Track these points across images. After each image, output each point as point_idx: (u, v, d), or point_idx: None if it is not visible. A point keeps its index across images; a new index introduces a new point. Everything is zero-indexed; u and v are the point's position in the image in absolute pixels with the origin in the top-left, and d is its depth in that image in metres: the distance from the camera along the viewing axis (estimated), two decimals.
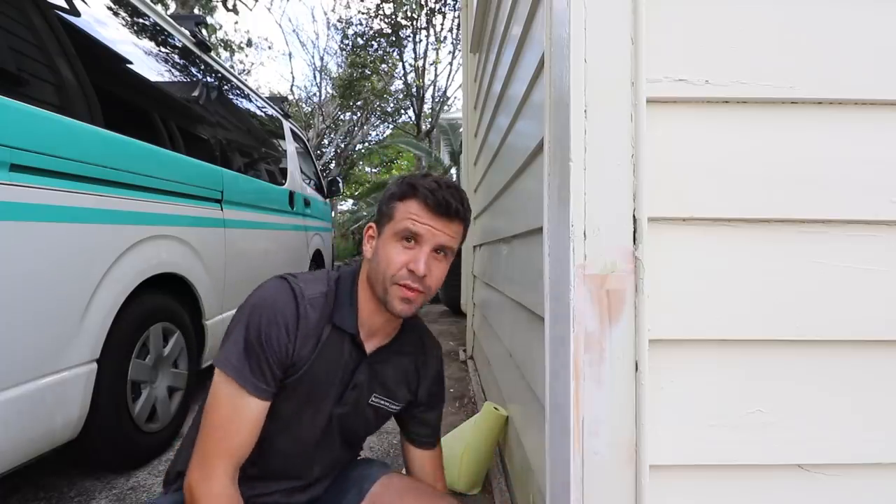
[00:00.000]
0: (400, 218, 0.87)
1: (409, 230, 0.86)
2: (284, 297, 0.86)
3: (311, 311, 0.87)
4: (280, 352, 0.84)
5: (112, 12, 1.94)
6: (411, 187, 0.87)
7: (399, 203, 0.88)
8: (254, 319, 0.84)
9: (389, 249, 0.87)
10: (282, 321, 0.84)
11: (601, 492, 0.71)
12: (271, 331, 0.84)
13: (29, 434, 1.32)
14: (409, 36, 12.92)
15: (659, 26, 0.72)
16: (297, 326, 0.85)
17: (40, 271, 1.32)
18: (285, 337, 0.85)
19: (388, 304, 0.87)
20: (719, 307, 0.73)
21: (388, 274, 0.86)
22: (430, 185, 0.86)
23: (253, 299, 0.86)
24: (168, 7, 8.92)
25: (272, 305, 0.85)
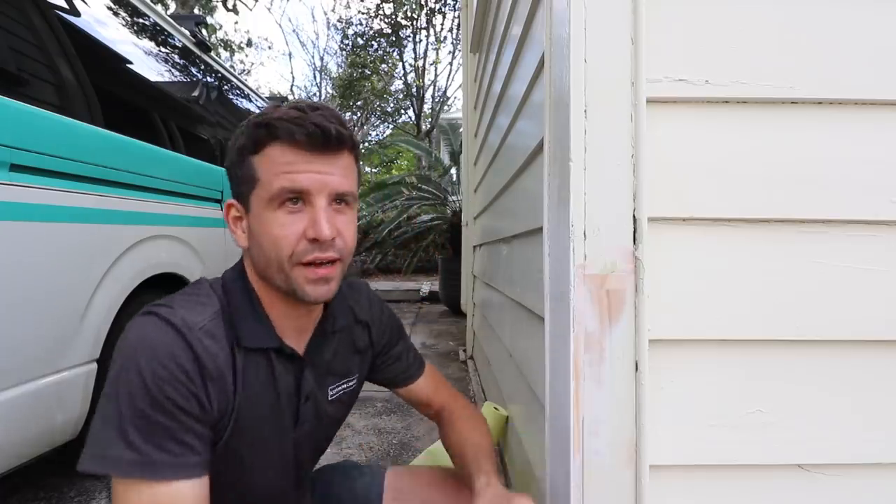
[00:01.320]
0: (268, 177, 0.64)
1: (287, 189, 0.63)
2: (164, 337, 0.61)
3: (210, 341, 0.64)
4: (192, 409, 0.61)
5: (112, 12, 1.94)
6: (265, 128, 0.64)
7: (255, 157, 0.65)
8: (134, 384, 0.58)
9: (270, 224, 0.64)
10: (175, 370, 0.60)
11: (601, 492, 0.71)
12: (167, 388, 0.59)
13: (29, 434, 1.32)
14: (409, 36, 12.92)
15: (659, 26, 0.72)
16: (199, 369, 0.62)
17: (40, 271, 1.32)
18: (190, 387, 0.61)
19: (298, 292, 0.66)
20: (719, 307, 0.73)
21: (281, 256, 0.64)
22: (290, 115, 0.64)
23: (122, 358, 0.60)
24: (168, 7, 8.92)
25: (153, 355, 0.60)
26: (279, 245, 0.64)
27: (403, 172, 11.67)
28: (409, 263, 6.53)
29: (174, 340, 0.61)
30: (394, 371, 0.94)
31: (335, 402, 0.83)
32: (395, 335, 0.95)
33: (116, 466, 0.57)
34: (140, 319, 0.63)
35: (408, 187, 6.03)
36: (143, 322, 0.63)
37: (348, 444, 1.97)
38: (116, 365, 0.60)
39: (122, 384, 0.59)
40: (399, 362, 0.94)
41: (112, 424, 0.58)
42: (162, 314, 0.63)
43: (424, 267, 7.45)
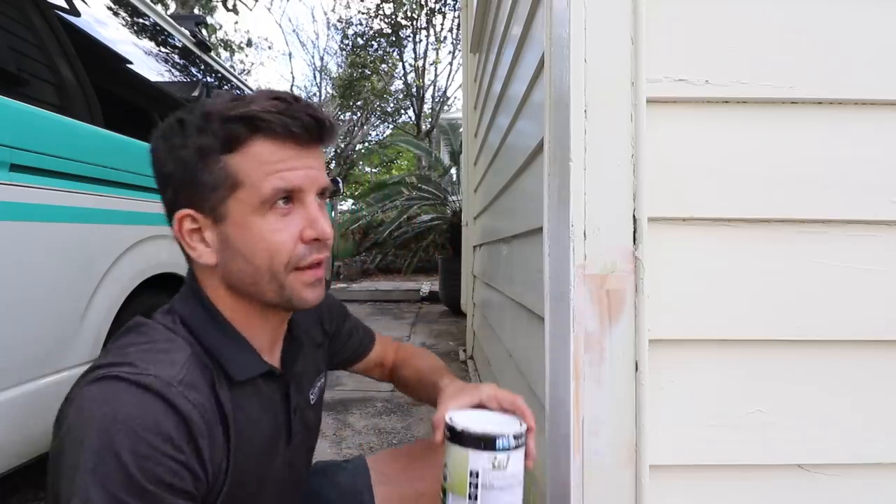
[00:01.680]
0: (255, 178, 0.56)
1: (281, 189, 0.57)
2: (140, 404, 0.50)
3: (194, 394, 0.54)
4: (183, 484, 0.51)
5: (112, 12, 1.94)
6: (247, 122, 0.56)
7: (233, 157, 0.56)
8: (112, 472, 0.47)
9: (259, 232, 0.57)
10: (160, 443, 0.49)
11: (601, 492, 0.71)
12: (153, 467, 0.48)
13: (29, 434, 1.32)
14: (409, 36, 12.93)
15: (659, 26, 0.72)
16: (188, 431, 0.52)
17: (40, 271, 1.32)
18: (179, 458, 0.51)
19: (293, 300, 0.60)
20: (719, 307, 0.73)
21: (277, 265, 0.58)
22: (276, 108, 0.56)
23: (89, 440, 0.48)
24: (168, 7, 8.92)
25: (130, 430, 0.48)
26: (276, 252, 0.58)
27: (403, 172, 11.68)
28: (409, 263, 6.53)
29: (152, 405, 0.50)
30: (350, 349, 0.92)
31: (315, 406, 0.79)
32: (341, 317, 0.91)
33: None
34: (100, 387, 0.51)
35: (408, 187, 6.04)
36: (106, 389, 0.50)
37: (348, 444, 1.97)
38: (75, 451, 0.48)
39: (89, 476, 0.47)
40: (352, 339, 0.91)
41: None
42: (128, 376, 0.50)
43: (424, 267, 7.45)
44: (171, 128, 0.60)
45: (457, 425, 0.53)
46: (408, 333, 4.14)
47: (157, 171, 0.62)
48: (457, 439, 0.53)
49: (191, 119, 0.58)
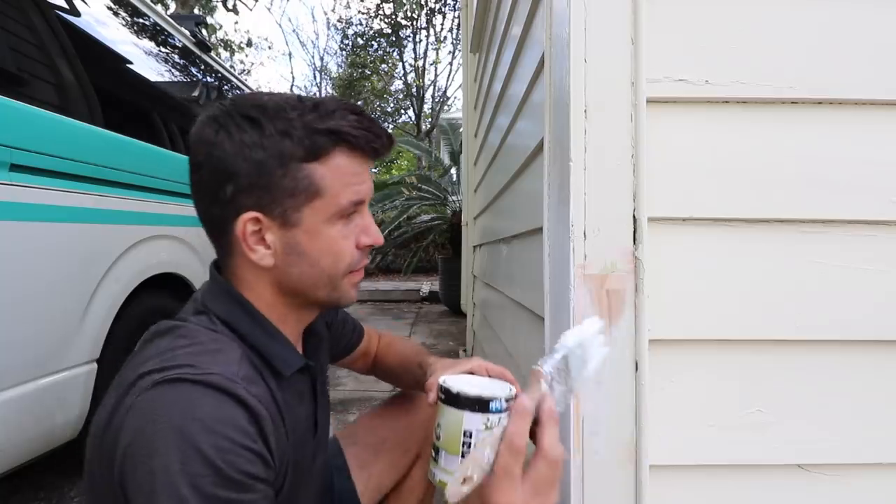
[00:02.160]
0: (334, 189, 0.58)
1: (354, 202, 0.60)
2: (212, 402, 0.51)
3: (256, 388, 0.56)
4: (261, 473, 0.52)
5: (112, 12, 1.94)
6: (335, 135, 0.57)
7: (316, 166, 0.58)
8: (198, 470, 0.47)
9: (329, 240, 0.60)
10: (238, 436, 0.50)
11: (601, 492, 0.71)
12: (235, 459, 0.49)
13: (29, 434, 1.32)
14: (409, 36, 12.93)
15: (659, 26, 0.72)
16: (258, 423, 0.53)
17: (40, 271, 1.32)
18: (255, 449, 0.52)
19: (340, 300, 0.65)
20: (719, 307, 0.73)
21: (338, 271, 0.62)
22: (356, 123, 0.59)
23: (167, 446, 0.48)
24: (168, 7, 8.92)
25: (210, 428, 0.49)
26: (341, 258, 0.61)
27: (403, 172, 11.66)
28: (409, 263, 6.53)
29: (223, 402, 0.51)
30: (343, 341, 0.94)
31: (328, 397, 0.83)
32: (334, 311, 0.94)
33: None
34: (163, 391, 0.50)
35: (408, 187, 6.04)
36: (172, 394, 0.50)
37: None
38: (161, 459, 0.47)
39: (178, 475, 0.46)
40: (345, 331, 0.93)
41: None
42: (193, 377, 0.51)
43: (424, 267, 7.45)
44: (238, 124, 0.57)
45: (452, 388, 0.55)
46: (408, 333, 4.13)
47: (215, 164, 0.58)
48: (452, 401, 0.55)
49: (266, 121, 0.57)
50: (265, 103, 0.59)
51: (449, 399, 0.55)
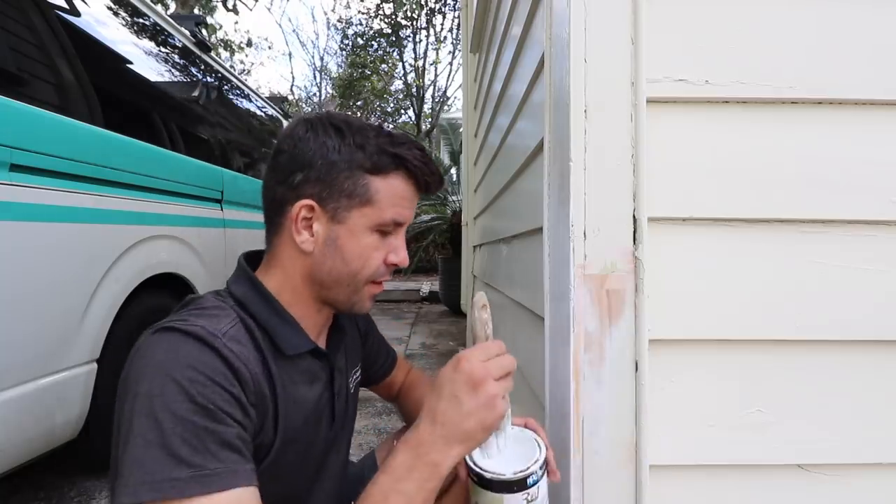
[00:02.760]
0: (384, 204, 0.66)
1: (396, 222, 0.68)
2: (190, 348, 0.56)
3: (237, 346, 0.60)
4: (236, 414, 0.56)
5: (112, 12, 1.94)
6: (395, 158, 0.66)
7: (376, 179, 0.66)
8: (173, 396, 0.53)
9: (365, 245, 0.67)
10: (212, 373, 0.56)
11: (601, 491, 0.71)
12: (208, 392, 0.54)
13: (29, 434, 1.32)
14: (409, 36, 12.92)
15: (659, 26, 0.72)
16: (234, 374, 0.57)
17: (40, 271, 1.32)
18: (231, 390, 0.56)
19: (356, 306, 0.71)
20: (719, 307, 0.73)
21: (363, 275, 0.68)
22: (419, 157, 0.68)
23: (148, 378, 0.54)
24: (168, 7, 8.92)
25: (186, 363, 0.55)
26: (368, 264, 0.68)
27: None
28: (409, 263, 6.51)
29: (201, 349, 0.57)
30: (377, 365, 0.96)
31: (354, 394, 0.85)
32: (370, 321, 0.97)
33: (172, 488, 0.50)
34: (154, 337, 0.58)
35: None
36: (161, 338, 0.58)
37: None
38: (143, 386, 0.54)
39: (156, 400, 0.53)
40: (379, 354, 0.97)
41: (154, 445, 0.51)
42: (179, 327, 0.58)
43: (424, 267, 7.45)
44: (326, 129, 0.67)
45: (484, 473, 0.54)
46: (408, 333, 4.13)
47: (296, 153, 0.67)
48: (486, 486, 0.53)
49: (349, 133, 0.67)
50: (352, 121, 0.69)
51: (483, 483, 0.54)
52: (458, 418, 0.53)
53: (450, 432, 0.53)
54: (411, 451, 0.54)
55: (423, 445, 0.54)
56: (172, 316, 0.63)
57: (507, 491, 0.52)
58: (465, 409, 0.53)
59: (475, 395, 0.54)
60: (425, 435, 0.54)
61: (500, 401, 0.55)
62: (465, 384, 0.54)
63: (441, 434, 0.53)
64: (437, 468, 0.53)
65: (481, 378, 0.54)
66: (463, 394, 0.54)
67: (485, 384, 0.54)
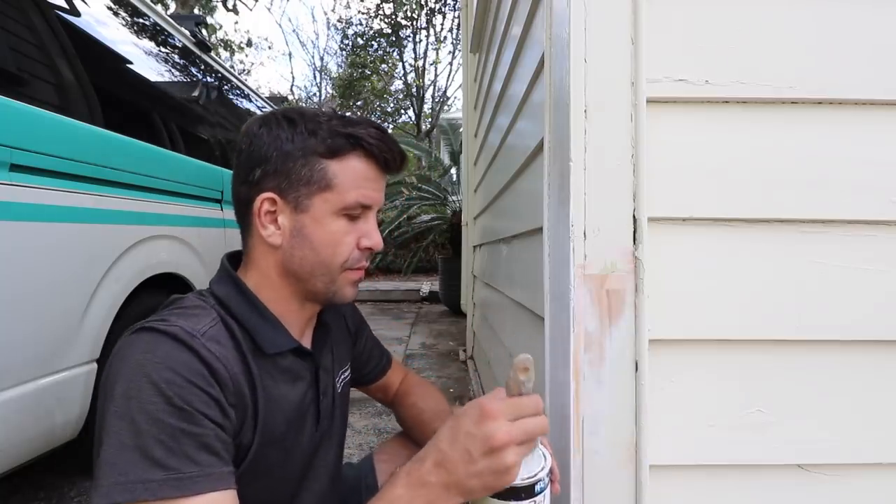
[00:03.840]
0: (345, 186, 0.65)
1: (360, 204, 0.66)
2: (168, 348, 0.56)
3: (216, 346, 0.59)
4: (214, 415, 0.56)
5: (112, 12, 1.94)
6: (349, 138, 0.65)
7: (332, 162, 0.65)
8: (148, 397, 0.52)
9: (332, 231, 0.66)
10: (189, 375, 0.55)
11: (601, 491, 0.71)
12: (185, 394, 0.54)
13: (29, 434, 1.32)
14: (409, 36, 12.93)
15: (659, 26, 0.72)
16: (212, 374, 0.57)
17: (40, 271, 1.32)
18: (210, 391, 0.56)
19: (336, 295, 0.69)
20: (719, 307, 0.73)
21: (335, 263, 0.66)
22: (374, 135, 0.66)
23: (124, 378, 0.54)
24: (168, 7, 8.92)
25: (162, 365, 0.54)
26: (338, 251, 0.66)
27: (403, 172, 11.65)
28: (409, 263, 6.53)
29: (178, 349, 0.56)
30: (374, 362, 0.95)
31: (343, 395, 0.83)
32: (361, 321, 0.95)
33: (145, 490, 0.50)
34: (133, 337, 0.58)
35: (408, 187, 6.04)
36: (139, 338, 0.57)
37: (348, 443, 1.97)
38: (120, 387, 0.54)
39: (132, 401, 0.52)
40: (372, 355, 0.95)
41: (129, 446, 0.51)
42: (157, 327, 0.58)
43: (424, 267, 7.45)
44: (278, 122, 0.67)
45: None
46: (408, 333, 4.13)
47: (252, 151, 0.68)
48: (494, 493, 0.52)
49: (301, 121, 0.67)
50: (305, 111, 0.68)
51: None
52: (465, 475, 0.51)
53: (453, 483, 0.52)
54: (411, 488, 0.53)
55: (424, 486, 0.53)
56: (153, 316, 0.62)
57: (515, 498, 0.52)
58: (475, 469, 0.51)
59: (489, 460, 0.50)
60: (428, 476, 0.53)
61: (514, 469, 0.51)
62: (483, 444, 0.50)
63: (444, 481, 0.52)
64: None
65: (501, 445, 0.50)
66: (477, 454, 0.51)
67: (503, 452, 0.50)
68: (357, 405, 2.41)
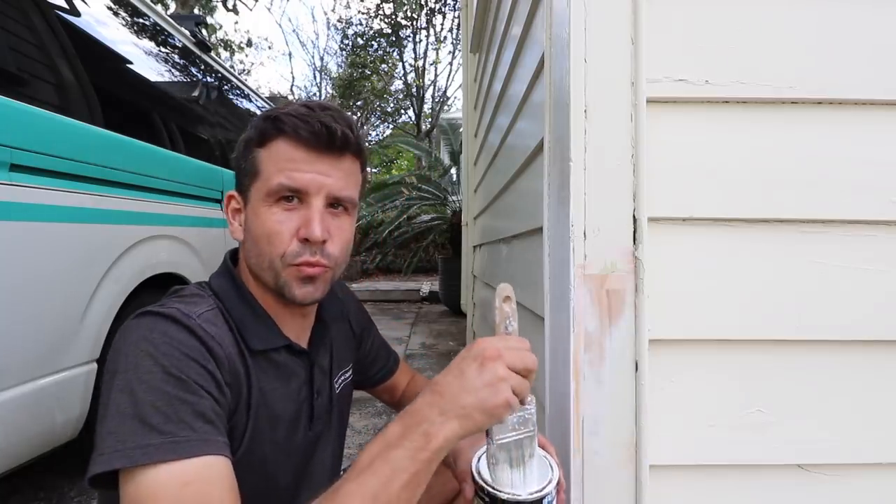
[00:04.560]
0: (269, 171, 0.63)
1: (285, 186, 0.62)
2: (165, 327, 0.57)
3: (212, 328, 0.61)
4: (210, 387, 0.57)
5: (112, 12, 1.94)
6: (273, 122, 0.63)
7: (260, 150, 0.65)
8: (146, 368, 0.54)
9: (265, 218, 0.63)
10: (186, 349, 0.57)
11: (601, 492, 0.71)
12: (182, 365, 0.55)
13: (29, 434, 1.32)
14: (409, 36, 12.93)
15: (659, 26, 0.72)
16: (208, 351, 0.58)
17: (40, 271, 1.32)
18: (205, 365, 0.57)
19: (286, 292, 0.65)
20: (719, 307, 0.73)
21: (273, 254, 0.63)
22: (299, 112, 0.63)
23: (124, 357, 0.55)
24: (168, 7, 8.91)
25: (160, 341, 0.56)
26: (272, 241, 0.63)
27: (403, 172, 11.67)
28: (409, 263, 6.53)
29: (177, 328, 0.58)
30: (373, 368, 0.93)
31: (341, 396, 0.81)
32: (368, 322, 0.94)
33: (143, 454, 0.50)
34: (132, 321, 0.59)
35: (408, 187, 6.04)
36: (139, 321, 0.59)
37: (348, 443, 1.97)
38: (119, 364, 0.55)
39: (131, 373, 0.54)
40: (380, 355, 0.94)
41: (128, 415, 0.52)
42: (155, 310, 0.59)
43: (424, 267, 7.45)
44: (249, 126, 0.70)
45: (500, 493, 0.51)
46: (408, 333, 4.13)
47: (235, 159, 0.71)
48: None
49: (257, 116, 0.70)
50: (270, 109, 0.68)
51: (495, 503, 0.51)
52: (458, 390, 0.50)
53: (446, 403, 0.51)
54: (406, 418, 0.52)
55: (418, 414, 0.52)
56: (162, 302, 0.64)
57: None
58: (467, 383, 0.50)
59: (480, 372, 0.50)
60: (422, 404, 0.52)
61: (505, 386, 0.50)
62: (474, 360, 0.51)
63: (438, 404, 0.51)
64: (429, 439, 0.50)
65: (492, 356, 0.51)
66: (469, 368, 0.51)
67: (493, 363, 0.50)
68: (357, 405, 2.41)
